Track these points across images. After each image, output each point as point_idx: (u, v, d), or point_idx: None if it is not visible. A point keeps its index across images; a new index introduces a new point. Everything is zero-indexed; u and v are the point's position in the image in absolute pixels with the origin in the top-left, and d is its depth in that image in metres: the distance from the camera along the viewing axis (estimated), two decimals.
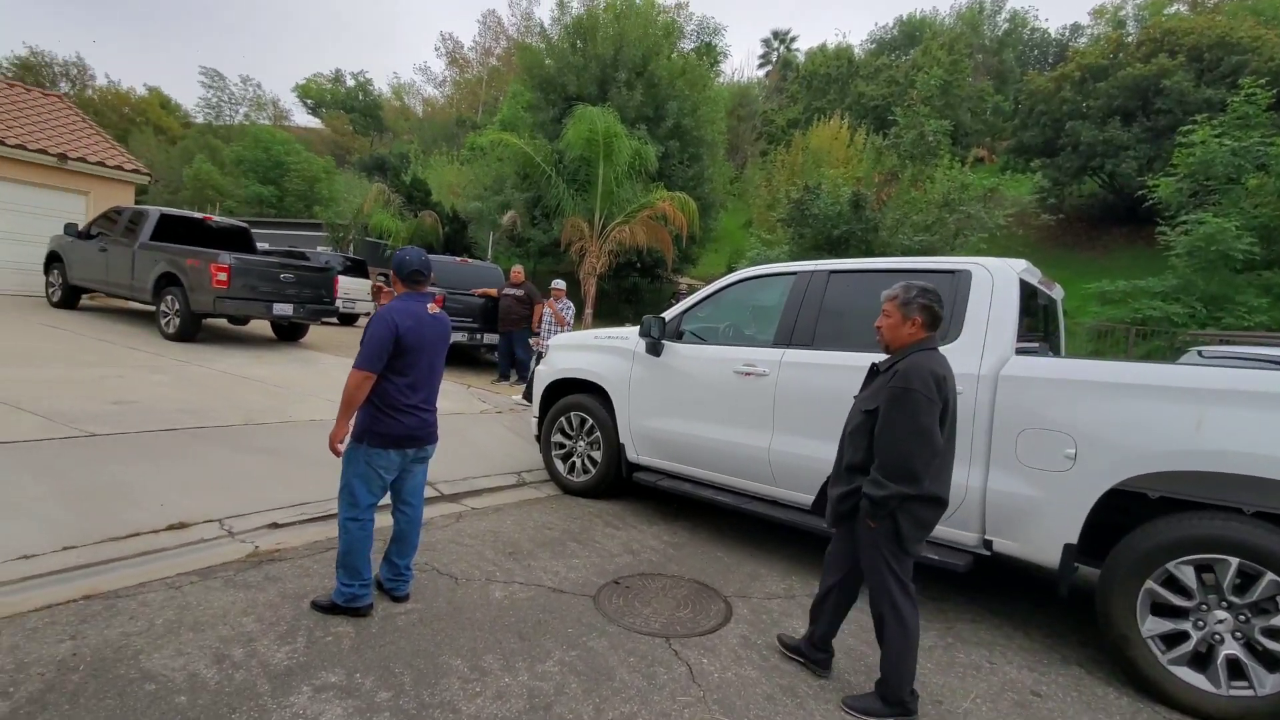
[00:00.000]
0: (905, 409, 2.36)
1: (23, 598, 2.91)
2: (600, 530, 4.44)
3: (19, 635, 2.59)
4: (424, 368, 3.04)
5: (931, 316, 2.53)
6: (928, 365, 2.41)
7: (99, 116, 30.42)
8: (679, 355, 4.52)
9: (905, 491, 2.35)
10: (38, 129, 12.14)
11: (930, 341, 2.54)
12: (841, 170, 16.06)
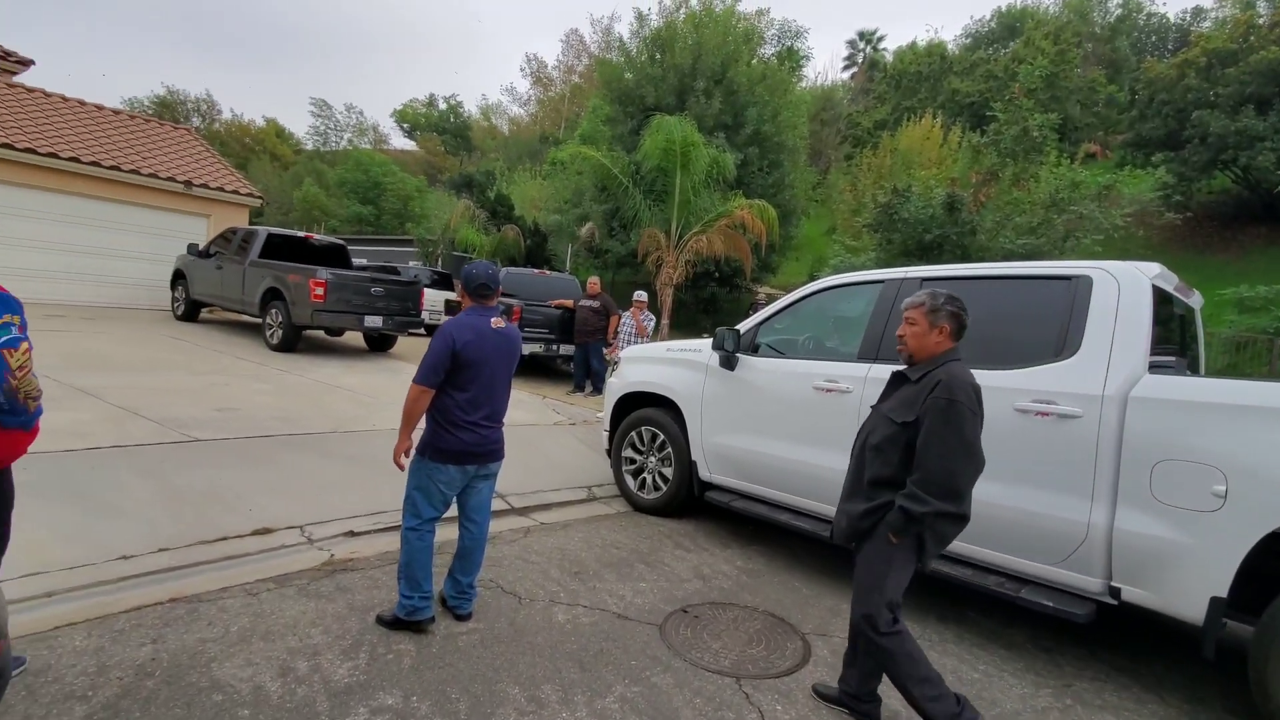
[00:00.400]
0: (951, 423, 2.25)
1: (117, 598, 3.07)
2: (670, 552, 4.25)
3: (106, 637, 2.71)
4: (485, 383, 2.96)
5: (959, 325, 2.44)
6: (967, 377, 2.35)
7: (224, 146, 33.56)
8: (754, 369, 4.28)
9: (947, 509, 2.25)
10: (168, 159, 13.43)
11: (957, 352, 2.45)
12: (933, 171, 15.16)
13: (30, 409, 2.20)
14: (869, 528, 2.45)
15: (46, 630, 2.73)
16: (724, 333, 4.26)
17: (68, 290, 11.75)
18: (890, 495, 2.37)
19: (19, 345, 2.10)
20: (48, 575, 3.16)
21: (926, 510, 2.25)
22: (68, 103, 13.26)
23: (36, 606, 2.92)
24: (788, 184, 17.60)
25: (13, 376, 2.08)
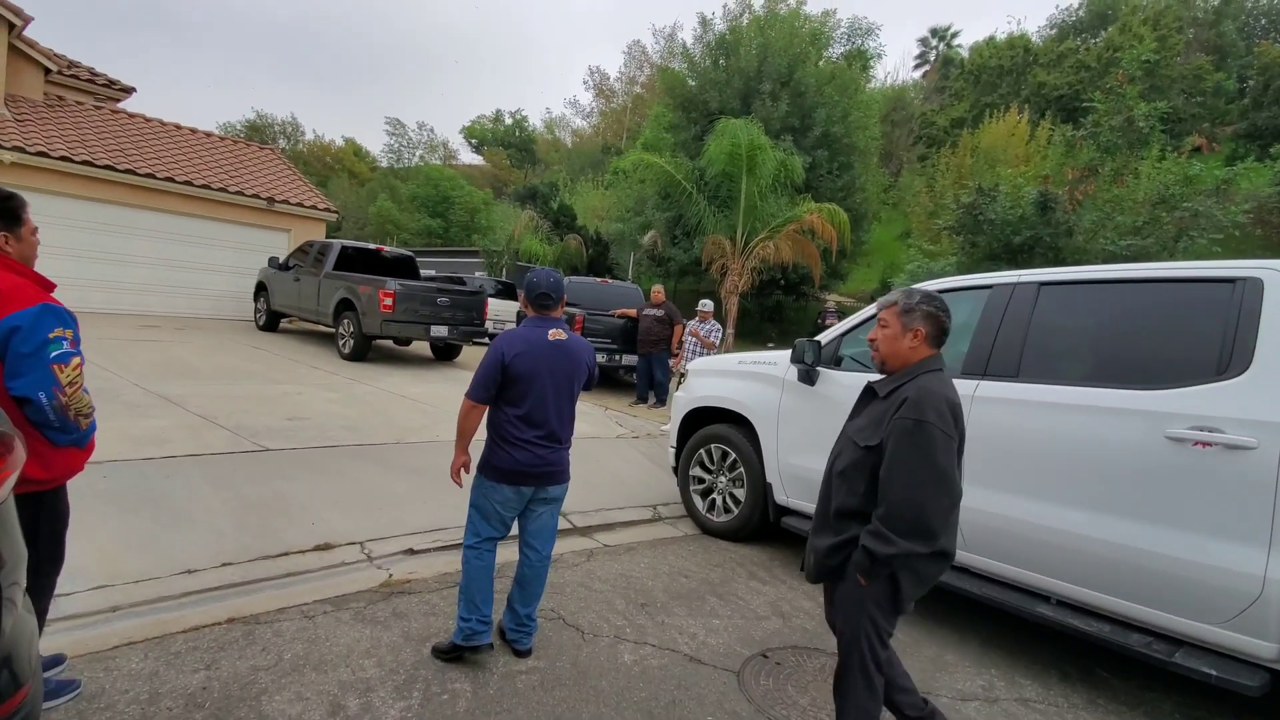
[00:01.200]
0: (918, 447, 1.87)
1: (177, 616, 3.00)
2: (743, 583, 3.90)
3: (162, 660, 2.61)
4: (538, 399, 2.74)
5: (937, 329, 2.06)
6: (941, 391, 1.95)
7: (306, 166, 35.47)
8: (838, 385, 3.89)
9: (916, 550, 1.86)
10: (254, 177, 14.13)
11: (937, 361, 2.07)
12: (1021, 169, 14.16)
13: (82, 426, 2.11)
14: (837, 566, 2.07)
15: (106, 650, 2.67)
16: (804, 345, 3.89)
17: (162, 302, 12.48)
18: (858, 529, 2.01)
19: (69, 360, 2.02)
20: (115, 589, 3.13)
21: (892, 552, 1.87)
22: (165, 127, 14.17)
23: (101, 622, 2.88)
24: (858, 187, 16.89)
25: (63, 393, 2.00)
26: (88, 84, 13.93)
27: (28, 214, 2.17)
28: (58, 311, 2.07)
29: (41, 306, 2.02)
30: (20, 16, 11.13)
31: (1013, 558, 3.13)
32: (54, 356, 1.99)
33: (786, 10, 18.27)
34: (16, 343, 1.97)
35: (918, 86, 39.24)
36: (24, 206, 2.16)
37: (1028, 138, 19.56)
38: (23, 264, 2.14)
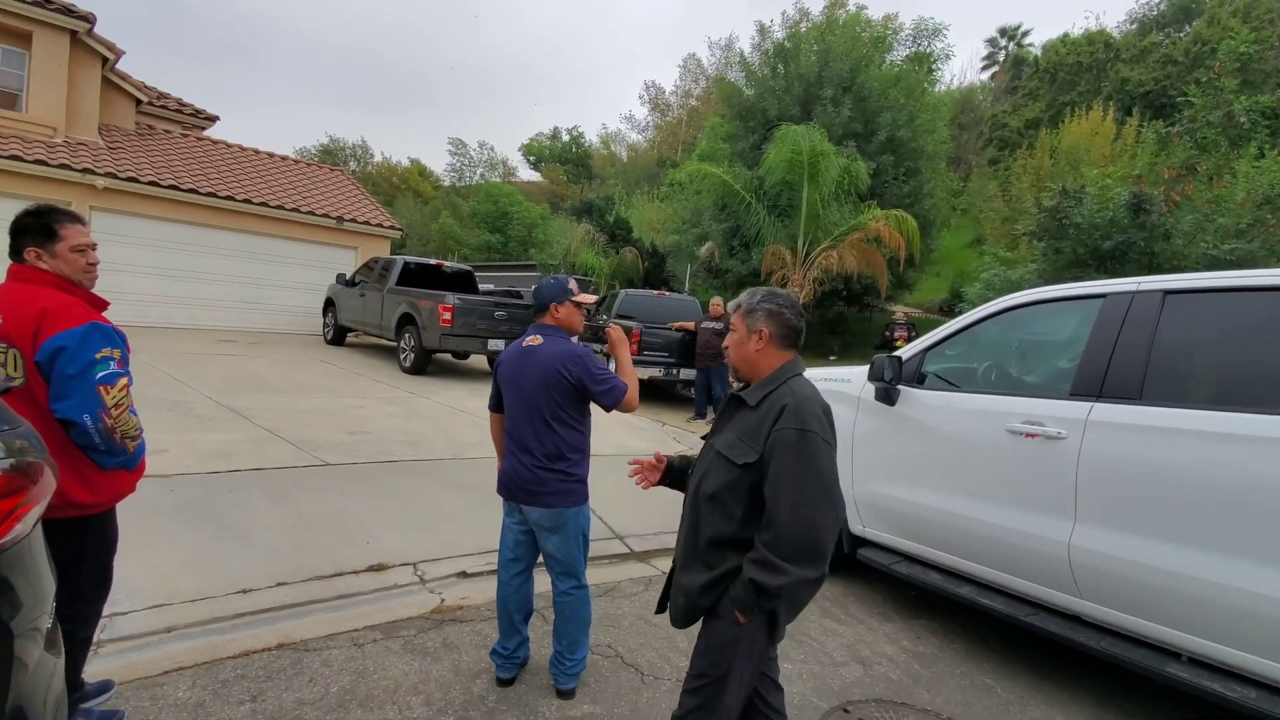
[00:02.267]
0: (805, 460, 1.63)
1: (229, 639, 2.93)
2: (816, 622, 3.56)
3: (209, 689, 2.52)
4: (510, 407, 2.67)
5: (782, 328, 1.84)
6: (813, 395, 1.75)
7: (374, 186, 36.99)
8: (921, 405, 3.52)
9: (808, 576, 1.61)
10: (324, 198, 14.70)
11: (797, 364, 1.86)
12: (1107, 169, 13.18)
13: (129, 449, 2.03)
14: (711, 605, 1.77)
15: (156, 675, 2.60)
16: (883, 361, 3.55)
17: (238, 317, 13.07)
18: (737, 560, 1.73)
19: (116, 382, 1.95)
20: (171, 608, 3.10)
21: (783, 582, 1.61)
22: (245, 151, 14.95)
23: (154, 644, 2.83)
24: (926, 192, 16.13)
25: (108, 415, 1.92)
26: (175, 113, 14.87)
27: (69, 230, 2.07)
28: (106, 331, 2.00)
29: (89, 326, 1.96)
30: (112, 51, 11.97)
31: (1137, 608, 2.70)
32: (100, 378, 1.92)
33: (847, 16, 17.77)
34: (62, 363, 1.90)
35: (986, 88, 37.70)
36: (64, 223, 2.08)
37: (1113, 136, 18.30)
38: (67, 281, 2.07)
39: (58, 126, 11.34)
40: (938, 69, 18.51)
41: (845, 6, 18.77)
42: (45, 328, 1.91)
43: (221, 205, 12.55)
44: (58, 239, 2.05)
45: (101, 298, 2.17)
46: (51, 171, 10.70)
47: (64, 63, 11.30)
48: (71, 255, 2.07)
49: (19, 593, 1.35)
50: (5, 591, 1.31)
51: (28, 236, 2.04)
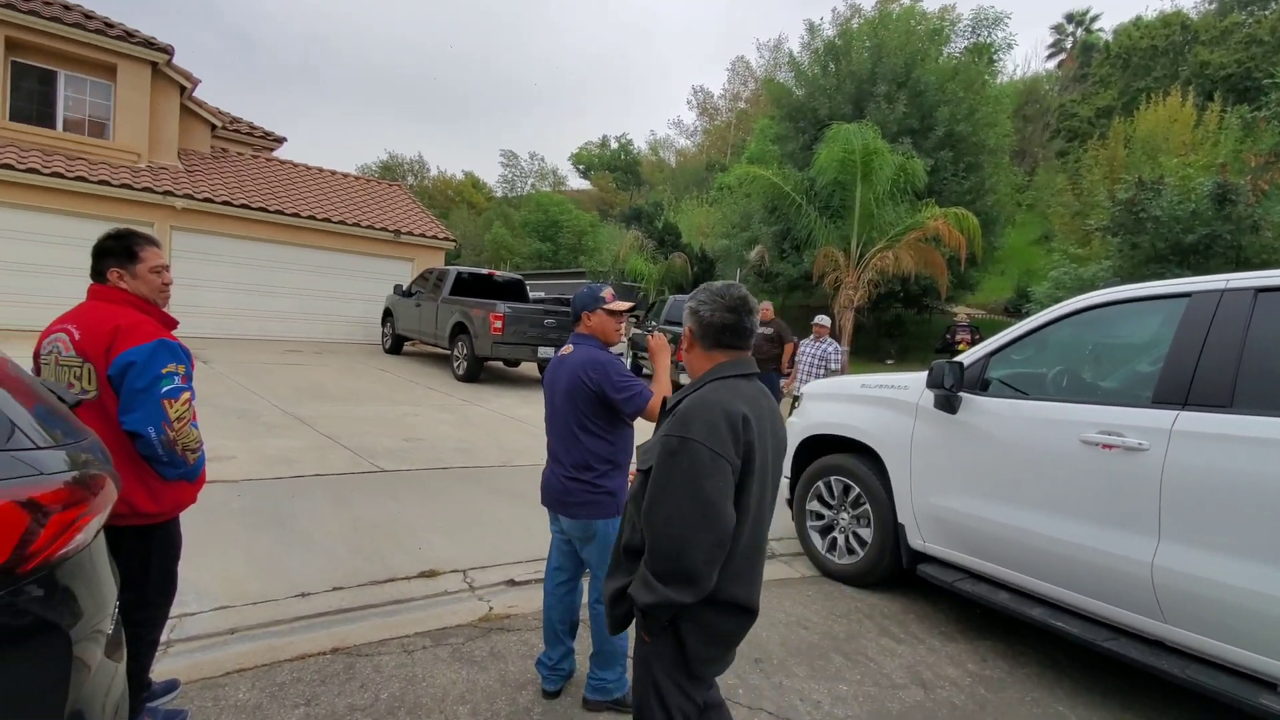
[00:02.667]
0: (681, 471, 1.49)
1: (287, 642, 3.01)
2: (873, 639, 3.41)
3: (267, 692, 2.59)
4: (549, 417, 2.66)
5: (700, 326, 1.70)
6: (719, 401, 1.56)
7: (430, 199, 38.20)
8: (986, 413, 3.33)
9: (677, 599, 1.48)
10: (382, 212, 15.25)
11: (731, 366, 1.67)
12: (1188, 158, 12.31)
13: (189, 461, 2.11)
14: (624, 615, 1.66)
15: (219, 675, 2.69)
16: (943, 366, 3.37)
17: (304, 328, 13.67)
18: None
19: (179, 396, 2.03)
20: (235, 610, 3.21)
21: (651, 600, 1.49)
22: (310, 170, 15.67)
23: (218, 645, 2.93)
24: (988, 188, 15.45)
25: (170, 428, 2.00)
26: (247, 136, 15.73)
27: (147, 252, 2.20)
28: (172, 348, 2.08)
29: (158, 342, 2.04)
30: (189, 80, 12.76)
31: (1227, 633, 2.46)
32: (164, 392, 2.00)
33: (900, 9, 17.25)
34: (131, 378, 1.99)
35: (1052, 77, 36.01)
36: (145, 245, 2.20)
37: (1194, 123, 17.11)
38: (144, 301, 2.19)
39: (141, 152, 12.16)
40: (999, 59, 17.76)
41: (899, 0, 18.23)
42: (117, 344, 2.01)
43: (289, 222, 13.19)
44: (138, 260, 2.17)
45: (172, 317, 2.27)
46: (136, 195, 11.47)
47: (146, 93, 12.11)
48: (149, 276, 2.19)
49: (80, 600, 1.40)
50: (67, 600, 1.36)
51: (110, 258, 2.16)
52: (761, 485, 1.61)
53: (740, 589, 1.58)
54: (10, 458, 1.28)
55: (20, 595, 1.24)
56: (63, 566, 1.34)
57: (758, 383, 1.72)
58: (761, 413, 1.63)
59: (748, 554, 1.60)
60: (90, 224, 11.28)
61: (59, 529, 1.30)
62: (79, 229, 11.24)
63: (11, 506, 1.23)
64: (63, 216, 11.10)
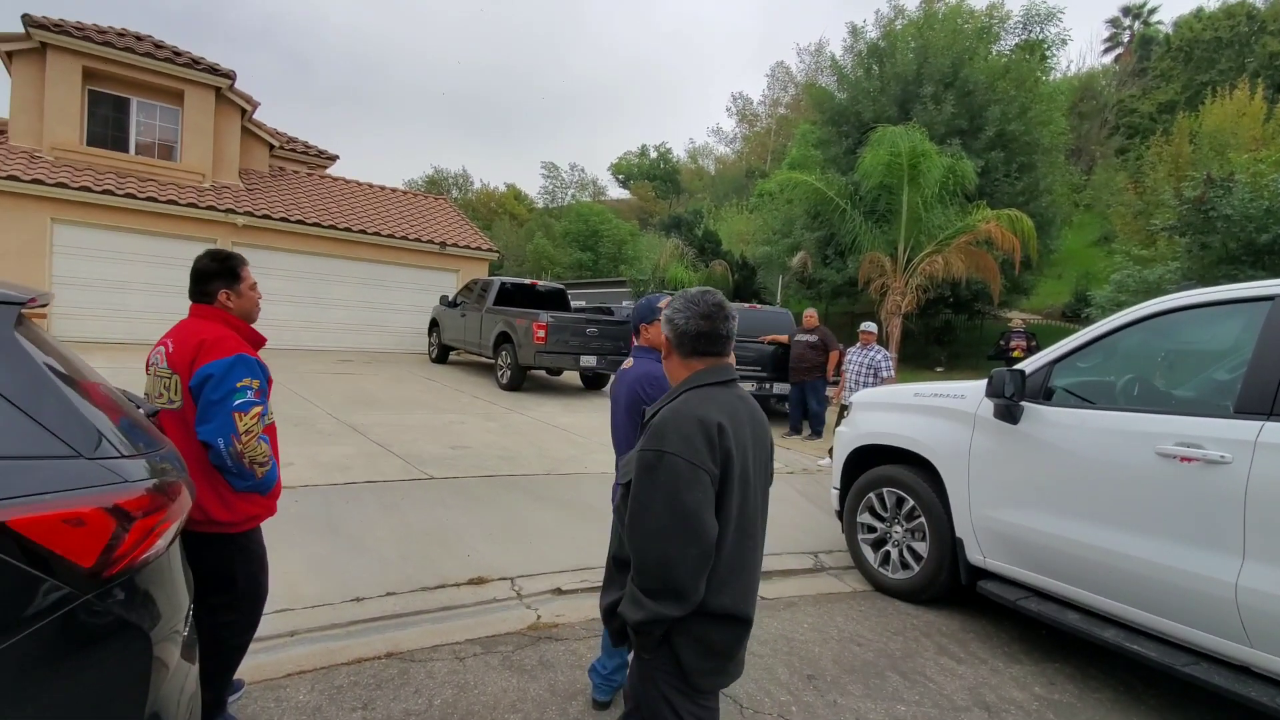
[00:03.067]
0: (659, 486, 1.48)
1: (343, 645, 3.09)
2: (931, 658, 3.28)
3: (326, 695, 2.66)
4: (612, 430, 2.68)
5: (674, 334, 1.68)
6: (693, 411, 1.53)
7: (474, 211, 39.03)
8: (1051, 423, 3.18)
9: (666, 614, 1.48)
10: (429, 225, 15.65)
11: (707, 374, 1.65)
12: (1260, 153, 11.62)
13: (258, 475, 2.16)
14: (620, 629, 1.62)
15: (280, 677, 2.77)
16: (1004, 375, 3.25)
17: (355, 339, 14.10)
18: None
19: (249, 410, 2.10)
20: (294, 613, 3.30)
21: (641, 617, 1.48)
22: (360, 186, 16.21)
23: (279, 647, 3.02)
24: (1043, 189, 14.89)
25: (239, 440, 2.06)
26: (302, 155, 16.40)
27: (246, 270, 2.33)
28: (249, 363, 2.15)
29: (237, 357, 2.12)
30: (250, 103, 13.38)
31: None
32: (236, 404, 2.06)
33: (946, 9, 16.86)
34: (208, 390, 2.07)
35: (1109, 72, 34.61)
36: (243, 265, 2.33)
37: (1264, 116, 16.17)
38: (237, 318, 2.29)
39: (206, 173, 12.79)
40: (1052, 55, 17.16)
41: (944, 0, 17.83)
42: (200, 357, 2.10)
43: (341, 236, 13.66)
44: (240, 279, 2.29)
45: (260, 334, 2.38)
46: (201, 213, 12.06)
47: (210, 116, 12.76)
48: (250, 292, 2.33)
49: (159, 603, 1.46)
50: (148, 602, 1.42)
51: (218, 280, 2.26)
52: (744, 492, 1.57)
53: (727, 598, 1.55)
54: (99, 466, 1.34)
55: (107, 598, 1.30)
56: (144, 571, 1.40)
57: (737, 388, 1.69)
58: (739, 419, 1.59)
59: (732, 563, 1.56)
60: (159, 241, 11.94)
61: (142, 534, 1.36)
62: (149, 246, 11.89)
63: (99, 513, 1.29)
64: (135, 235, 11.75)
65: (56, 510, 1.24)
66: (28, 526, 1.20)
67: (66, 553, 1.24)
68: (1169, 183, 12.39)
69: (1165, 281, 9.77)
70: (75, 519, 1.25)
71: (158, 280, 11.84)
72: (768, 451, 1.70)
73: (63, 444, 1.31)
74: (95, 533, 1.27)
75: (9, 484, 1.22)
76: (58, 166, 11.26)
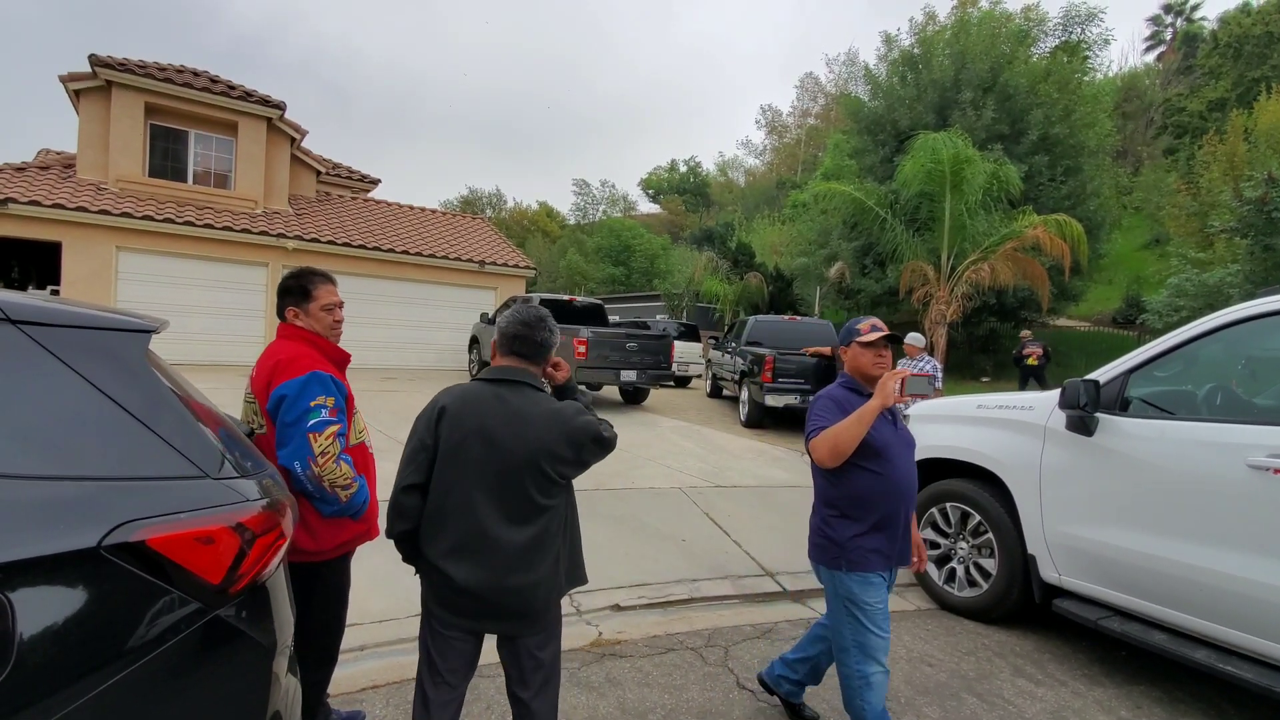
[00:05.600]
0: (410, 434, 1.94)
1: (411, 660, 2.96)
2: (1007, 680, 3.17)
3: (401, 709, 2.69)
4: None
5: (499, 335, 1.99)
6: (441, 395, 1.93)
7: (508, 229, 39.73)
8: (1129, 435, 3.07)
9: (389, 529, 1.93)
10: (467, 244, 15.96)
11: (497, 371, 1.95)
12: None
13: (341, 498, 2.04)
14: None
15: (355, 691, 2.82)
16: (1077, 386, 3.15)
17: (398, 356, 14.41)
18: None
19: (324, 430, 1.99)
20: (363, 627, 3.36)
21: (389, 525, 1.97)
22: (401, 208, 16.65)
23: (352, 661, 3.07)
24: (1090, 192, 14.47)
25: (315, 463, 1.96)
26: (347, 180, 16.93)
27: (320, 290, 2.21)
28: (324, 380, 2.04)
29: (310, 375, 2.02)
30: (298, 131, 13.89)
31: None
32: (311, 425, 1.97)
33: (980, 14, 16.64)
34: (283, 411, 1.99)
35: (1153, 71, 33.66)
36: (319, 284, 2.22)
37: None
38: (317, 335, 2.17)
39: (258, 199, 13.31)
40: (1094, 56, 16.76)
41: (977, 4, 17.58)
42: (275, 378, 2.02)
43: (384, 258, 14.03)
44: (311, 299, 2.19)
45: (344, 351, 2.25)
46: (253, 238, 12.54)
47: (262, 145, 13.29)
48: (320, 313, 2.20)
49: (274, 618, 1.50)
50: (265, 618, 1.46)
51: (290, 297, 2.19)
52: (459, 469, 1.81)
53: (434, 550, 1.83)
54: (223, 486, 1.40)
55: (232, 613, 1.35)
56: (262, 586, 1.45)
57: (508, 388, 1.89)
58: (476, 410, 1.84)
59: (442, 524, 1.83)
60: (215, 266, 12.44)
61: (262, 551, 1.41)
62: (206, 271, 12.40)
63: (226, 531, 1.35)
64: (193, 260, 12.28)
65: (190, 529, 1.30)
66: (165, 545, 1.26)
67: (198, 570, 1.29)
68: (1226, 183, 11.94)
69: (1227, 285, 9.39)
70: (206, 537, 1.31)
71: (214, 303, 12.33)
72: (521, 449, 1.81)
73: (192, 465, 1.37)
74: (223, 550, 1.33)
75: (147, 504, 1.28)
76: (122, 197, 11.84)
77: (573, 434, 1.84)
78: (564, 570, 1.94)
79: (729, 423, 10.17)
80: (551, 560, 1.87)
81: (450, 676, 1.87)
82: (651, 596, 4.02)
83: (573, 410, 1.90)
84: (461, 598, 1.82)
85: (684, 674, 3.09)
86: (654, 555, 4.61)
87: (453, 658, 1.87)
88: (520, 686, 1.91)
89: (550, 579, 1.88)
